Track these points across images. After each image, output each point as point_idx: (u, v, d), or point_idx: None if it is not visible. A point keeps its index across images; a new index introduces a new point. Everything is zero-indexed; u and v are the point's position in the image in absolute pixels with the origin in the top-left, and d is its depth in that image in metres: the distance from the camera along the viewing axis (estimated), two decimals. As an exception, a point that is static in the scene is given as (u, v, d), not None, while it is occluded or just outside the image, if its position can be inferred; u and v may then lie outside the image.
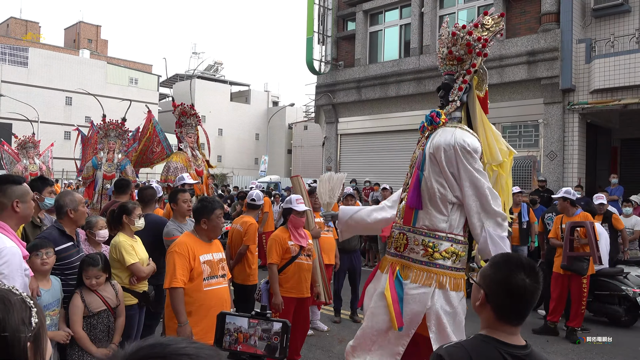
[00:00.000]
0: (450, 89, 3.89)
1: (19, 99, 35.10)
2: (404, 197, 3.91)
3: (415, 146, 4.08)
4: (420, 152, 3.79)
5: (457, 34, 3.79)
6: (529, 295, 1.76)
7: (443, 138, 3.67)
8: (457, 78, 3.88)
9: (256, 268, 5.89)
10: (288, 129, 51.32)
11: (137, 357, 0.84)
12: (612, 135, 14.80)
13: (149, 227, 4.91)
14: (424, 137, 3.90)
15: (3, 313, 1.17)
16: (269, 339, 1.81)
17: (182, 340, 0.88)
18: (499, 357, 1.72)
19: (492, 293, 1.79)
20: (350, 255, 7.31)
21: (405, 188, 3.98)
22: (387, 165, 16.41)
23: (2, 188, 2.65)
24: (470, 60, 3.82)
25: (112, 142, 9.35)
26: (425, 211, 3.71)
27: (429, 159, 3.72)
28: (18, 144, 12.86)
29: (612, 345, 6.40)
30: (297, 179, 6.57)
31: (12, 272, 2.38)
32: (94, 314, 3.70)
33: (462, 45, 3.79)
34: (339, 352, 5.94)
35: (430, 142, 3.73)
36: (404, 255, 3.74)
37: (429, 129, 3.83)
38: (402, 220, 3.83)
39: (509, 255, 1.91)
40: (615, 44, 12.26)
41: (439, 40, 3.98)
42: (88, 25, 59.46)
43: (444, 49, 3.91)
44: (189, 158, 7.52)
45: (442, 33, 3.96)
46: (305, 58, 17.74)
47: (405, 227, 3.78)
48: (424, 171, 3.73)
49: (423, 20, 15.47)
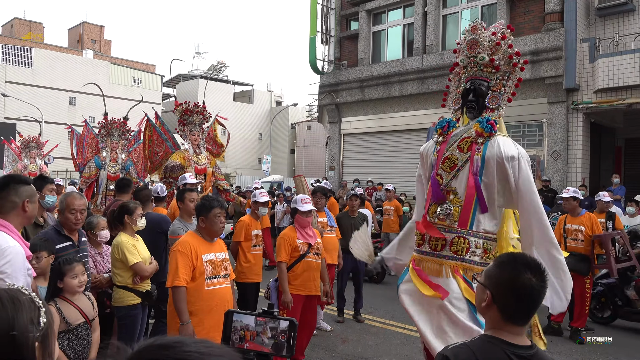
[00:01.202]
0: (484, 95, 3.93)
1: (23, 99, 35.19)
2: (451, 200, 3.84)
3: (437, 146, 4.03)
4: (478, 158, 3.76)
5: (502, 44, 3.87)
6: (535, 295, 1.75)
7: (509, 148, 3.73)
8: (492, 86, 3.93)
9: (252, 266, 5.80)
10: (291, 129, 51.30)
11: (142, 359, 0.83)
12: (616, 135, 14.75)
13: (148, 225, 4.94)
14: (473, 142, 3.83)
15: (12, 312, 1.19)
16: (276, 337, 1.82)
17: (191, 342, 0.84)
18: (505, 357, 1.71)
19: (498, 293, 1.77)
20: (353, 256, 7.29)
21: (444, 189, 3.88)
22: (390, 165, 16.40)
23: (14, 187, 2.66)
24: (509, 73, 3.92)
25: (115, 141, 9.21)
26: (483, 215, 3.77)
27: (494, 167, 3.73)
28: (21, 143, 12.86)
29: (616, 346, 6.38)
30: (300, 179, 6.58)
31: (15, 271, 2.39)
32: (73, 327, 3.27)
33: (504, 56, 3.89)
34: (342, 352, 5.94)
35: (494, 150, 3.73)
36: (466, 258, 3.73)
37: (485, 136, 3.79)
38: (456, 223, 3.79)
39: (514, 254, 1.90)
40: (619, 43, 12.22)
41: (470, 43, 3.96)
42: (92, 25, 59.60)
43: (485, 56, 3.90)
44: (188, 157, 7.50)
45: (479, 38, 3.93)
46: (309, 58, 17.74)
47: (463, 230, 3.77)
48: (483, 177, 3.76)
49: (426, 20, 15.46)
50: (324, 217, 6.76)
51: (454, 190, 3.84)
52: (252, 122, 52.55)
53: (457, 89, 4.13)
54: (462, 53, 4.02)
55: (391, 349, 6.14)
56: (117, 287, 4.33)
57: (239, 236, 5.78)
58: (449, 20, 15.62)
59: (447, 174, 3.88)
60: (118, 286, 4.32)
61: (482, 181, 3.75)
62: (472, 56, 3.94)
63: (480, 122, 3.82)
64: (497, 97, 3.93)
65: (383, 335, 6.71)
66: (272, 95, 56.49)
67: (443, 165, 3.91)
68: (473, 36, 3.93)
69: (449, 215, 3.80)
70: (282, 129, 50.67)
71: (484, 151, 3.76)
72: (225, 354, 0.84)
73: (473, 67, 3.97)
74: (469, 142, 3.84)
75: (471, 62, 3.96)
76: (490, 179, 3.74)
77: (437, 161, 3.97)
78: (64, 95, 42.61)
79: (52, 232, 3.88)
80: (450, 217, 3.80)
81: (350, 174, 17.40)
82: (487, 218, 3.78)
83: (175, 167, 7.36)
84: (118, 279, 4.32)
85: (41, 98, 39.35)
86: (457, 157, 3.86)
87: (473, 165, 3.76)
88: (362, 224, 5.78)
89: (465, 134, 3.89)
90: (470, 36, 3.94)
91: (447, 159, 3.90)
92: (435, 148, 4.05)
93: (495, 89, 3.93)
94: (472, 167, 3.77)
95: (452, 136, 3.96)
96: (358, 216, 7.55)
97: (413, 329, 6.92)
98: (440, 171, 3.92)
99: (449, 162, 3.89)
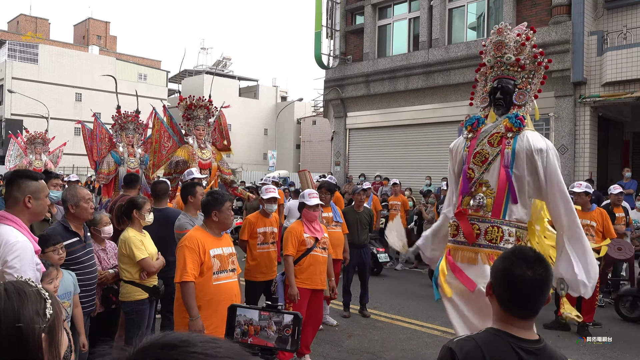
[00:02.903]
0: (511, 93, 4.19)
1: (29, 96, 35.34)
2: (484, 192, 4.10)
3: (467, 142, 4.30)
4: (509, 151, 4.02)
5: (526, 44, 4.14)
6: (527, 288, 1.74)
7: (537, 142, 3.99)
8: (519, 84, 4.21)
9: (258, 265, 5.72)
10: (296, 124, 51.26)
11: (144, 357, 0.79)
12: (624, 129, 14.63)
13: (168, 222, 4.99)
14: (503, 136, 4.08)
15: (18, 304, 1.20)
16: (280, 332, 1.81)
17: (198, 342, 0.79)
18: (510, 350, 1.70)
19: (495, 283, 1.82)
20: (359, 251, 7.30)
21: (476, 182, 4.15)
22: (395, 159, 16.35)
23: (17, 182, 2.65)
24: (534, 71, 4.18)
25: (130, 135, 9.03)
26: (515, 205, 4.02)
27: (524, 159, 3.98)
28: (28, 138, 12.89)
29: (623, 341, 6.36)
30: (304, 174, 6.57)
31: (23, 266, 2.39)
32: None
33: (529, 56, 4.16)
34: (347, 347, 5.94)
35: (523, 144, 3.98)
36: (500, 246, 3.96)
37: (514, 131, 4.04)
38: (490, 213, 4.04)
39: (517, 247, 1.94)
40: (627, 35, 12.10)
41: (496, 45, 4.23)
42: (97, 21, 59.70)
43: (511, 56, 4.16)
44: (192, 151, 7.46)
45: (505, 39, 4.18)
46: (314, 52, 17.67)
47: (496, 220, 4.03)
48: (514, 169, 4.01)
49: (432, 14, 15.36)
50: (330, 212, 6.75)
51: (486, 182, 4.11)
52: (257, 118, 52.54)
53: (485, 87, 4.42)
54: (489, 54, 4.29)
55: (397, 343, 6.14)
56: (124, 282, 4.33)
57: (242, 234, 5.77)
58: (455, 14, 15.51)
59: (479, 167, 4.15)
60: (125, 281, 4.32)
61: (513, 173, 4.01)
62: (499, 57, 4.22)
63: (509, 117, 4.09)
64: (524, 94, 4.19)
65: (389, 330, 6.71)
66: (278, 91, 56.43)
67: (474, 160, 4.18)
68: (499, 38, 4.21)
69: (483, 206, 4.06)
70: (287, 124, 50.64)
71: (513, 145, 4.02)
72: (233, 355, 0.79)
73: (500, 66, 4.25)
74: (499, 137, 4.10)
75: (498, 62, 4.24)
76: (520, 170, 4.00)
77: (468, 156, 4.24)
78: (69, 92, 42.75)
79: (60, 228, 3.87)
80: (484, 208, 4.06)
81: (356, 169, 17.37)
82: (518, 208, 4.03)
83: (179, 163, 7.34)
84: (125, 274, 4.31)
85: (47, 94, 39.51)
86: (487, 151, 4.12)
87: (504, 158, 4.03)
88: (397, 217, 6.06)
89: (495, 129, 4.16)
90: (497, 38, 4.23)
91: (478, 154, 4.17)
92: (465, 144, 4.32)
93: (521, 86, 4.21)
94: (502, 160, 4.04)
95: (481, 132, 4.23)
96: (364, 211, 7.54)
97: (419, 324, 6.93)
98: (472, 165, 4.19)
99: (479, 157, 4.16)
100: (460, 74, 14.36)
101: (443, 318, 7.23)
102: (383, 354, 5.76)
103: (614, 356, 5.86)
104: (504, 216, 4.02)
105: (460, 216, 4.17)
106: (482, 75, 4.46)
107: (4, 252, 2.41)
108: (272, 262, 5.78)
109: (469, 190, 4.16)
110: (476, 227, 4.08)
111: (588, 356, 5.80)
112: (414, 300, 8.29)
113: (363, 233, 7.39)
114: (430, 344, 6.09)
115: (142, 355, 0.78)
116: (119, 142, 9.08)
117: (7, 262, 2.38)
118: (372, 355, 5.72)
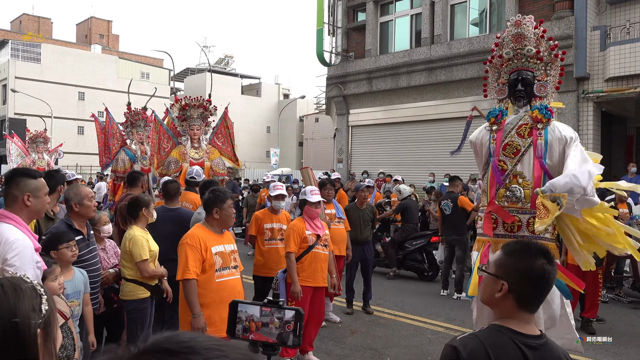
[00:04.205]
0: (532, 85, 4.24)
1: (32, 95, 35.41)
2: (520, 184, 4.10)
3: (492, 134, 4.28)
4: (542, 142, 4.06)
5: (545, 37, 4.23)
6: (551, 280, 1.76)
7: (568, 131, 4.07)
8: (537, 76, 4.26)
9: (265, 261, 5.82)
10: (299, 122, 51.24)
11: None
12: (627, 124, 14.57)
13: (181, 222, 5.01)
14: (532, 128, 4.11)
15: (14, 300, 1.20)
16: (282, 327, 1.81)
17: (203, 349, 0.73)
18: (514, 346, 1.70)
19: (514, 282, 1.75)
20: (362, 247, 7.30)
21: (509, 174, 4.14)
22: (398, 156, 16.33)
23: (16, 180, 2.65)
24: (551, 63, 4.26)
25: (140, 132, 8.99)
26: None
27: (557, 149, 4.04)
28: (29, 137, 12.95)
29: (628, 337, 6.35)
30: (307, 171, 6.57)
31: (23, 264, 2.39)
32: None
33: (547, 48, 4.24)
34: (351, 344, 5.94)
35: (555, 134, 4.04)
36: (542, 237, 3.97)
37: (544, 122, 4.09)
38: (529, 204, 4.04)
39: (523, 243, 1.89)
40: (630, 30, 12.04)
41: (515, 37, 4.26)
42: (99, 20, 59.79)
43: (532, 48, 4.21)
44: (184, 151, 7.44)
45: (524, 32, 4.23)
46: (316, 50, 17.66)
47: (535, 211, 3.95)
48: (547, 159, 4.05)
49: (434, 10, 15.31)
50: (332, 208, 6.75)
51: (520, 174, 4.13)
52: (260, 115, 52.54)
53: (499, 79, 4.44)
54: (507, 46, 4.31)
55: (400, 340, 6.14)
56: (126, 281, 4.29)
57: (250, 229, 5.94)
58: (457, 10, 15.47)
59: (511, 159, 4.16)
60: (128, 280, 4.28)
61: (547, 163, 4.06)
62: (519, 48, 4.25)
63: (539, 109, 4.13)
64: (545, 85, 4.26)
65: (392, 326, 6.71)
66: (280, 88, 56.41)
67: (505, 152, 4.20)
68: (518, 30, 4.25)
69: (520, 198, 4.08)
70: (290, 122, 50.62)
71: (545, 136, 4.07)
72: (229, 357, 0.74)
73: (520, 58, 4.28)
74: (528, 128, 4.14)
75: (518, 54, 4.27)
76: (553, 160, 4.06)
77: (497, 148, 4.23)
78: (72, 91, 42.83)
79: (63, 226, 3.87)
80: (522, 200, 4.07)
81: (359, 166, 17.36)
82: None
83: (171, 163, 7.34)
84: (128, 273, 4.27)
85: (50, 93, 39.59)
86: (518, 143, 4.15)
87: (537, 149, 4.07)
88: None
89: (521, 120, 4.20)
90: (515, 30, 4.26)
91: (508, 146, 4.19)
92: (491, 136, 4.30)
93: (540, 78, 4.26)
94: (535, 150, 4.08)
95: (506, 124, 4.25)
96: (367, 208, 7.54)
97: (422, 320, 6.92)
98: (502, 157, 4.20)
99: (510, 149, 4.18)
100: (463, 70, 14.32)
101: (446, 314, 7.24)
102: (386, 351, 5.75)
103: (618, 351, 5.84)
104: None
105: (497, 209, 4.15)
106: (493, 67, 4.47)
107: (3, 250, 2.41)
108: (281, 258, 5.77)
109: (502, 182, 4.16)
110: (517, 219, 4.09)
111: (592, 351, 5.79)
112: (417, 297, 8.29)
113: (366, 230, 7.39)
114: (434, 341, 6.09)
115: (142, 358, 0.75)
116: (130, 139, 9.07)
117: (7, 260, 2.39)
118: (375, 351, 5.72)
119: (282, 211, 6.00)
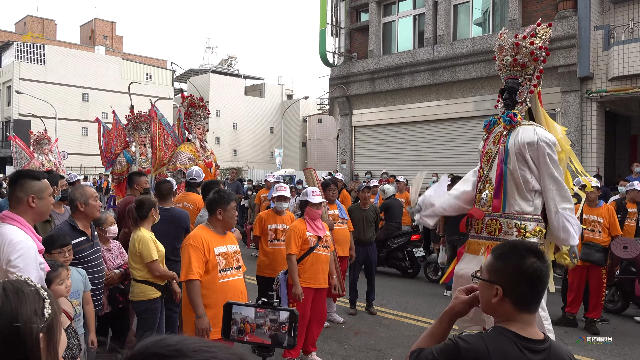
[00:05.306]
0: (516, 92, 4.42)
1: (36, 96, 35.55)
2: (487, 188, 4.43)
3: (483, 142, 4.66)
4: (503, 148, 4.32)
5: (520, 44, 4.34)
6: (544, 277, 1.75)
7: (527, 135, 4.21)
8: (522, 82, 4.42)
9: (269, 261, 5.81)
10: (302, 122, 51.29)
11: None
12: (631, 124, 14.51)
13: (175, 222, 5.01)
14: (501, 135, 4.40)
15: (16, 304, 1.19)
16: (277, 329, 1.80)
17: (190, 351, 0.75)
18: (516, 350, 1.68)
19: (509, 285, 1.73)
20: (365, 248, 7.30)
21: (484, 180, 4.49)
22: (401, 156, 16.31)
23: (20, 182, 2.66)
24: (535, 66, 4.37)
25: (142, 135, 9.03)
26: (513, 198, 4.28)
27: (514, 154, 4.25)
28: (34, 139, 12.99)
29: (632, 337, 6.32)
30: (310, 171, 6.57)
31: (27, 265, 2.40)
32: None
33: (526, 53, 4.34)
34: (354, 344, 5.94)
35: (514, 140, 4.26)
36: (499, 237, 4.22)
37: (508, 128, 4.34)
38: (490, 208, 4.35)
39: (512, 243, 1.87)
40: (634, 30, 11.99)
41: (498, 49, 4.53)
42: (103, 22, 59.98)
43: (508, 57, 4.41)
44: (197, 149, 7.48)
45: (503, 43, 4.47)
46: (319, 50, 17.66)
47: (495, 214, 4.32)
48: (509, 165, 4.27)
49: (437, 10, 15.29)
50: (335, 209, 6.75)
51: (489, 179, 4.43)
52: (263, 116, 52.60)
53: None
54: (497, 59, 4.58)
55: (404, 340, 6.13)
56: (136, 282, 4.29)
57: (254, 229, 5.97)
58: (460, 10, 15.44)
59: (486, 166, 4.49)
60: (138, 281, 4.28)
61: (508, 168, 4.28)
62: (501, 59, 4.51)
63: (502, 117, 4.40)
64: (523, 90, 4.43)
65: (396, 327, 6.70)
66: (283, 89, 56.46)
67: (484, 159, 4.54)
68: (500, 42, 4.52)
69: (486, 201, 4.40)
70: (293, 123, 50.66)
71: (507, 141, 4.32)
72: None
73: (503, 69, 4.53)
74: (499, 135, 4.43)
75: (501, 65, 4.52)
76: (513, 165, 4.26)
77: (481, 156, 4.60)
78: (76, 92, 42.97)
79: (67, 227, 3.88)
80: (487, 203, 4.39)
81: (362, 167, 17.35)
82: (518, 200, 4.27)
83: (186, 158, 7.38)
84: (138, 274, 4.26)
85: (54, 94, 39.74)
86: (492, 150, 4.47)
87: (500, 155, 4.35)
88: (421, 173, 6.42)
89: (499, 128, 4.48)
90: (498, 43, 4.53)
91: (486, 153, 4.53)
92: (480, 145, 4.68)
93: (523, 84, 4.43)
94: (499, 157, 4.35)
95: (492, 133, 4.54)
96: (370, 208, 7.53)
97: (426, 321, 6.91)
98: (482, 164, 4.54)
99: (486, 156, 4.51)
100: (466, 70, 14.29)
101: (449, 315, 7.22)
102: (389, 351, 5.75)
103: (621, 352, 5.83)
104: (503, 209, 4.29)
105: (474, 211, 4.47)
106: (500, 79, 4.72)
107: (7, 251, 2.41)
108: (285, 259, 5.81)
109: (479, 188, 4.51)
110: (482, 222, 4.41)
111: (595, 352, 5.77)
112: (421, 298, 8.28)
113: (369, 230, 7.39)
114: (437, 341, 6.07)
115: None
116: (131, 142, 9.12)
117: (11, 261, 2.39)
118: (379, 352, 5.72)
119: (286, 212, 5.99)
